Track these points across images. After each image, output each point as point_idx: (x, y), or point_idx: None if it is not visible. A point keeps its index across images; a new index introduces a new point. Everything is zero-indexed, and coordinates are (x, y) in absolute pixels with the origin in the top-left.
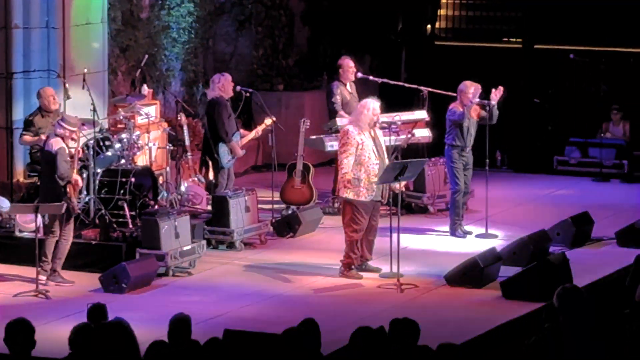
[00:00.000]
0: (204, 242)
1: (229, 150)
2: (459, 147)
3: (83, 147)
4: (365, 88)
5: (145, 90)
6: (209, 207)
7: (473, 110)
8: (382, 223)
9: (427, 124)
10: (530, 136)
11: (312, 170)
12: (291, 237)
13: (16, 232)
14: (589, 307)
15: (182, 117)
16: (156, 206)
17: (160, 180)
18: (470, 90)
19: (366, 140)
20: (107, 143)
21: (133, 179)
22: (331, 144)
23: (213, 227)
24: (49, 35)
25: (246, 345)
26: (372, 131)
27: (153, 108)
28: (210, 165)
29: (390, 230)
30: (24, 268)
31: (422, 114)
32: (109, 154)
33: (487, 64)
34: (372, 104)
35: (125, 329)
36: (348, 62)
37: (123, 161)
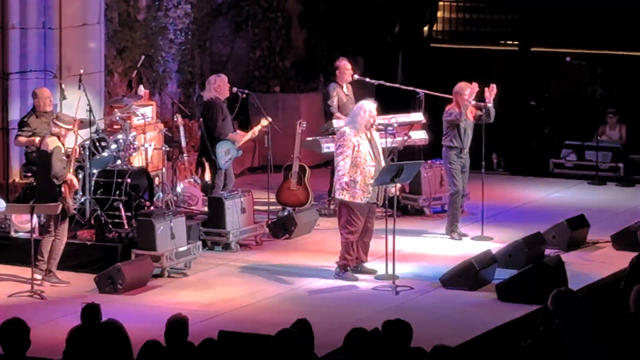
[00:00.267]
0: (199, 243)
1: (227, 149)
2: (456, 149)
3: (79, 148)
4: (362, 90)
5: (142, 91)
6: (205, 208)
7: (469, 111)
8: (377, 225)
9: (424, 126)
10: (526, 139)
11: (308, 172)
12: (287, 238)
13: (12, 232)
14: (584, 310)
15: (179, 118)
16: (152, 207)
17: (156, 181)
18: (465, 92)
19: (362, 142)
20: (103, 144)
21: (129, 180)
22: (327, 145)
23: (209, 228)
24: (46, 35)
25: (241, 347)
26: (369, 133)
27: (149, 109)
28: (207, 167)
29: (386, 232)
30: (19, 268)
31: (419, 116)
32: (105, 154)
33: (483, 66)
34: (368, 106)
35: (119, 329)
36: (345, 64)
37: (119, 162)
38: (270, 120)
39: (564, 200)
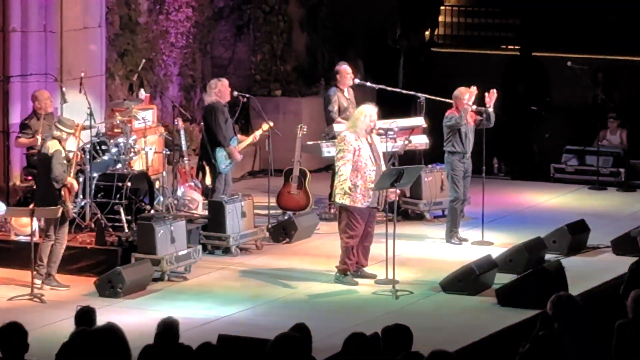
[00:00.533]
0: (199, 247)
1: (227, 155)
2: (459, 154)
3: (80, 152)
4: (363, 94)
5: (143, 94)
6: (205, 212)
7: (470, 116)
8: (378, 229)
9: (424, 131)
10: (527, 143)
11: (309, 176)
12: (287, 242)
13: (12, 235)
14: (583, 315)
15: (179, 122)
16: (152, 211)
17: (157, 184)
18: (465, 96)
19: (363, 146)
20: (104, 147)
21: (129, 184)
22: (328, 150)
23: (209, 232)
24: (47, 39)
25: (240, 351)
26: (369, 137)
27: (150, 112)
28: (208, 171)
29: (386, 237)
30: (19, 272)
31: (419, 121)
32: (105, 158)
33: (485, 70)
34: (369, 110)
35: (116, 333)
36: (345, 68)
37: (119, 165)
38: (272, 124)
39: (564, 205)
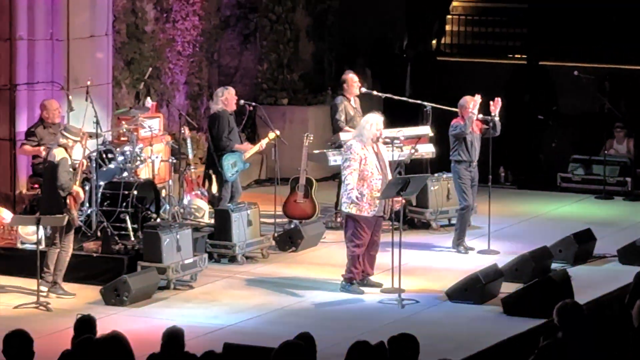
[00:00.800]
0: (205, 256)
1: (234, 162)
2: (465, 162)
3: (86, 160)
4: (370, 103)
5: (149, 103)
6: (212, 220)
7: (475, 124)
8: (384, 238)
9: (431, 140)
10: (534, 152)
11: (315, 185)
12: (293, 251)
13: (18, 243)
14: (589, 324)
15: (186, 131)
16: (158, 219)
17: (163, 193)
18: (470, 105)
19: (369, 155)
20: (110, 155)
21: (135, 192)
22: (334, 158)
23: (215, 241)
24: (54, 47)
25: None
26: (375, 146)
27: (157, 121)
28: (214, 179)
29: (392, 245)
30: (25, 280)
31: (426, 130)
32: (111, 166)
33: (491, 79)
34: (375, 119)
35: (121, 342)
36: (352, 77)
37: (126, 174)
38: (278, 133)
39: (571, 214)
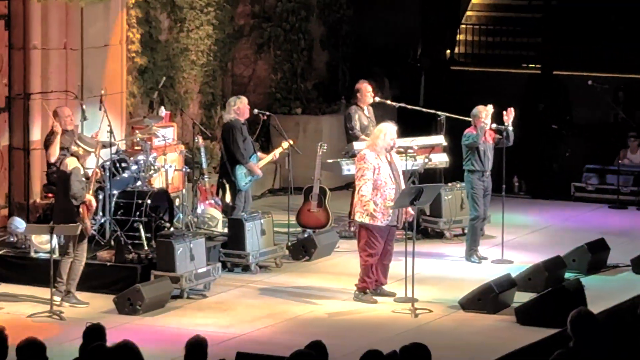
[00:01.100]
0: (219, 265)
1: (248, 172)
2: (478, 172)
3: (100, 169)
4: (383, 112)
5: (163, 112)
6: (225, 229)
7: (489, 134)
8: (397, 247)
9: (445, 149)
10: (547, 162)
11: (329, 194)
12: (307, 260)
13: (31, 252)
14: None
15: (200, 140)
16: (172, 228)
17: (177, 202)
18: (482, 115)
19: (382, 164)
20: (124, 164)
21: (149, 201)
22: (348, 168)
23: (228, 250)
24: (67, 56)
25: None
26: (389, 155)
27: (170, 130)
28: (228, 188)
29: (405, 255)
30: (38, 289)
31: (440, 139)
32: (125, 175)
33: (505, 89)
34: (388, 128)
35: (132, 350)
36: (366, 86)
37: (139, 183)
38: (291, 142)
39: (584, 224)
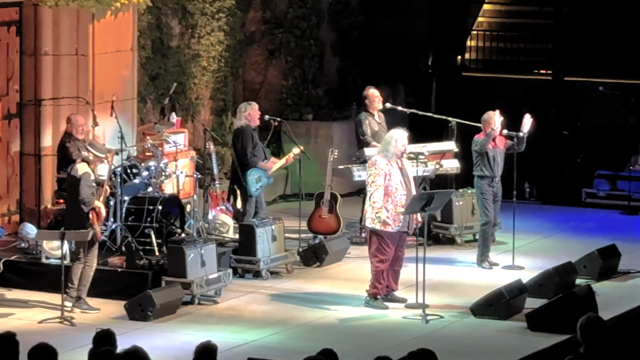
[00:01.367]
0: (230, 271)
1: (258, 177)
2: (488, 178)
3: (110, 183)
4: (394, 118)
5: (174, 118)
6: (236, 235)
7: (499, 140)
8: (408, 253)
9: (456, 155)
10: (558, 168)
11: (340, 200)
12: (318, 266)
13: (43, 258)
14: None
15: (211, 146)
16: (183, 234)
17: (188, 208)
18: (492, 121)
19: (393, 170)
20: (135, 170)
21: (160, 207)
22: (359, 174)
23: (240, 256)
24: (79, 62)
25: None
26: (400, 161)
27: (181, 136)
28: (239, 194)
29: (416, 261)
30: (49, 295)
31: (451, 145)
32: (136, 181)
33: (516, 95)
34: (400, 134)
35: (141, 356)
36: (373, 92)
37: (150, 189)
38: (302, 148)
39: (595, 230)
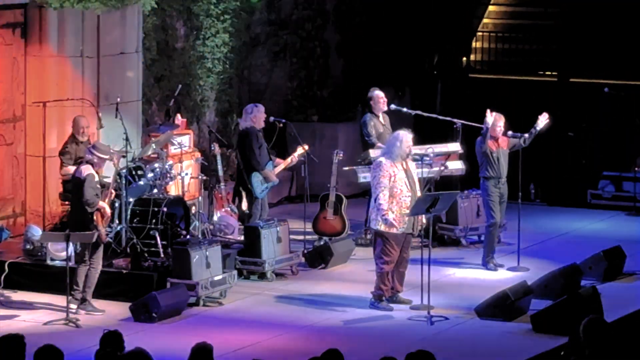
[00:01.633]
0: (235, 272)
1: (263, 178)
2: (493, 179)
3: (114, 189)
4: (400, 119)
5: (179, 120)
6: (241, 237)
7: (502, 140)
8: (413, 255)
9: (461, 157)
10: (564, 169)
11: (345, 202)
12: (323, 268)
13: (48, 260)
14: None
15: (216, 147)
16: (188, 236)
17: (193, 210)
18: (497, 123)
19: (398, 172)
20: (140, 172)
21: (165, 209)
22: (364, 175)
23: (245, 258)
24: (84, 64)
25: None
26: (405, 163)
27: (187, 138)
28: (244, 196)
29: (422, 262)
30: (54, 296)
31: (456, 147)
32: (141, 183)
33: (522, 96)
34: (404, 136)
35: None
36: (378, 94)
37: (155, 190)
38: (307, 147)
39: (601, 231)
